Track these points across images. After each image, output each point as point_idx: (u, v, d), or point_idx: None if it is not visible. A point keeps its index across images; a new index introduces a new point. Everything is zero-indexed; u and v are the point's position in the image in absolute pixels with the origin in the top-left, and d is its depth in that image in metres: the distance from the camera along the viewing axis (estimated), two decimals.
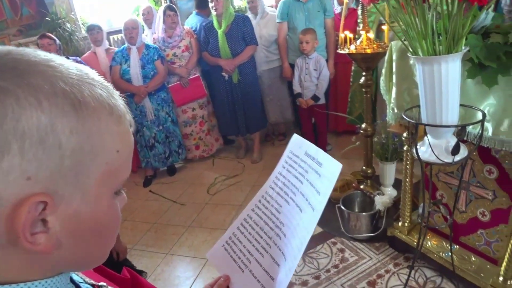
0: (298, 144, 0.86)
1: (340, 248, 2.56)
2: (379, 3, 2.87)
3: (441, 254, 2.13)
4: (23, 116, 0.35)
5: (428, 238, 2.24)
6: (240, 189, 3.58)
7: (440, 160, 1.40)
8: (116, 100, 0.44)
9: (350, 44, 2.59)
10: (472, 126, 1.61)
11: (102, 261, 0.48)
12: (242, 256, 0.83)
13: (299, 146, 0.85)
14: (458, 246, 2.13)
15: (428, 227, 2.03)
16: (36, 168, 0.36)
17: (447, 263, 2.06)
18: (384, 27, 2.70)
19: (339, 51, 2.66)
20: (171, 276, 2.56)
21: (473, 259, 2.05)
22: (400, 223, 2.36)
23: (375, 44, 2.51)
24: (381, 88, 2.15)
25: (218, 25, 3.65)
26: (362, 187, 2.90)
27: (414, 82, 1.87)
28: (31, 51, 0.40)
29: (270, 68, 4.03)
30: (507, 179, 1.80)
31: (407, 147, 2.12)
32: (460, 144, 1.40)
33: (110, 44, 4.35)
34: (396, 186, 2.89)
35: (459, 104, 1.38)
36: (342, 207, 2.59)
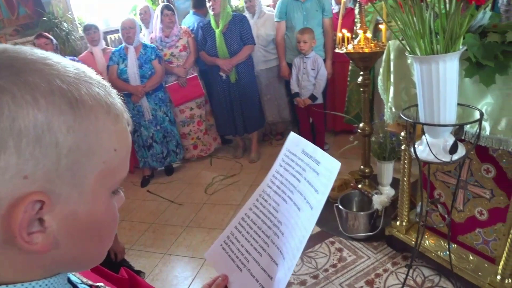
0: (295, 142, 0.85)
1: (338, 247, 2.56)
2: (376, 2, 2.89)
3: (439, 253, 2.14)
4: (19, 114, 0.35)
5: (426, 237, 2.24)
6: (238, 188, 3.57)
7: (438, 159, 1.41)
8: (113, 99, 0.44)
9: (348, 43, 2.59)
10: (469, 125, 1.61)
11: (99, 261, 0.48)
12: (240, 255, 0.82)
13: (296, 144, 0.84)
14: (456, 245, 2.13)
15: (426, 226, 2.04)
16: (33, 167, 0.36)
17: (445, 262, 2.06)
18: (382, 26, 2.71)
19: (337, 50, 2.66)
20: (169, 276, 2.56)
21: (471, 258, 2.05)
22: (398, 222, 2.37)
23: (372, 44, 2.52)
24: (379, 87, 2.15)
25: (216, 24, 3.64)
26: (360, 186, 2.90)
27: (412, 82, 1.87)
28: (27, 49, 0.40)
29: (267, 68, 4.03)
30: (504, 178, 1.80)
31: (405, 146, 2.13)
32: (458, 143, 1.40)
33: (107, 44, 4.34)
34: (394, 185, 2.90)
35: (456, 103, 1.39)
36: (340, 207, 2.60)
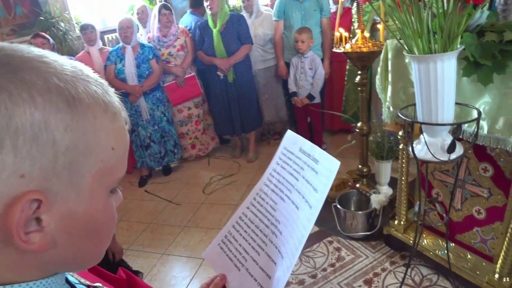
0: (292, 140, 0.85)
1: (336, 247, 2.56)
2: (373, 2, 2.89)
3: (437, 252, 2.14)
4: (16, 113, 0.34)
5: (424, 236, 2.24)
6: (236, 188, 3.57)
7: (436, 158, 1.41)
8: (111, 97, 0.43)
9: (346, 43, 2.59)
10: (467, 124, 1.62)
11: (97, 260, 0.48)
12: (238, 255, 0.82)
13: (294, 143, 0.84)
14: (454, 244, 2.13)
15: (424, 225, 2.04)
16: (30, 165, 0.35)
17: (443, 261, 2.07)
18: (379, 26, 2.71)
19: (335, 49, 2.66)
20: (168, 276, 2.55)
21: (469, 256, 2.06)
22: (396, 222, 2.37)
23: (370, 43, 2.52)
24: (376, 87, 2.15)
25: (213, 24, 3.64)
26: (358, 186, 2.90)
27: (409, 81, 1.87)
28: (24, 47, 0.39)
29: (265, 67, 4.03)
30: (502, 176, 1.81)
31: (403, 145, 2.13)
32: (456, 142, 1.40)
33: (105, 44, 4.32)
34: (392, 184, 2.90)
35: (454, 102, 1.39)
36: (338, 206, 2.60)
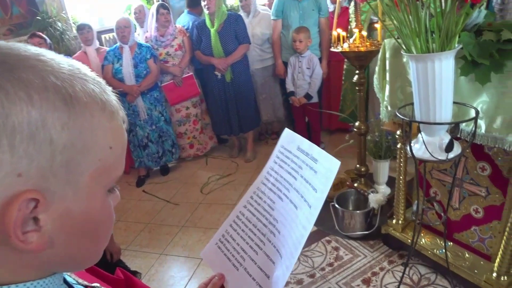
0: (290, 138, 0.84)
1: (334, 246, 2.56)
2: (371, 1, 2.89)
3: (435, 251, 2.14)
4: (13, 111, 0.34)
5: (422, 235, 2.25)
6: (234, 188, 3.57)
7: (434, 157, 1.41)
8: (108, 96, 0.43)
9: (343, 42, 2.59)
10: (465, 124, 1.62)
11: (95, 260, 0.47)
12: (236, 254, 0.81)
13: (291, 141, 0.83)
14: (452, 243, 2.14)
15: (422, 224, 2.04)
16: (27, 164, 0.35)
17: (441, 260, 2.07)
18: (377, 26, 2.71)
19: (332, 49, 2.66)
20: (166, 277, 2.54)
21: (466, 255, 2.06)
22: (394, 221, 2.37)
23: (368, 42, 2.52)
24: (374, 86, 2.15)
25: (211, 23, 3.63)
26: (356, 185, 2.90)
27: (407, 80, 1.87)
28: (21, 46, 0.39)
29: (263, 67, 4.02)
30: (500, 176, 1.81)
31: (401, 145, 2.13)
32: (454, 141, 1.40)
33: (102, 44, 4.31)
34: (389, 184, 2.90)
35: (452, 102, 1.39)
36: (336, 205, 2.60)
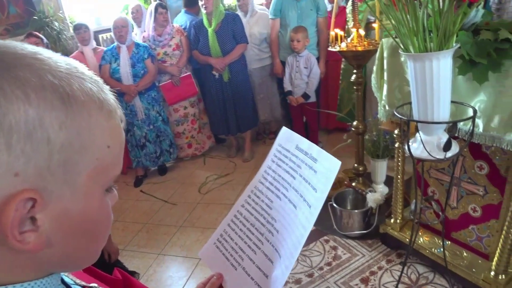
0: (288, 137, 0.83)
1: (332, 245, 2.56)
2: (368, 1, 2.89)
3: (433, 250, 2.15)
4: (10, 110, 0.34)
5: (420, 234, 2.25)
6: (232, 188, 3.56)
7: (432, 156, 1.41)
8: (106, 95, 0.43)
9: (341, 41, 2.59)
10: (463, 123, 1.62)
11: (93, 260, 0.47)
12: (234, 254, 0.80)
13: (289, 140, 0.82)
14: (450, 242, 2.14)
15: (420, 223, 2.04)
16: (24, 164, 0.35)
17: (439, 259, 2.07)
18: (374, 25, 2.71)
19: (330, 48, 2.66)
20: (164, 277, 2.54)
21: (464, 254, 2.07)
22: (392, 220, 2.38)
23: (366, 42, 2.52)
24: (372, 85, 2.15)
25: (208, 23, 3.63)
26: (354, 184, 2.90)
27: (405, 79, 1.87)
28: (18, 44, 0.39)
29: (261, 66, 4.02)
30: (497, 174, 1.81)
31: (399, 144, 2.13)
32: (452, 140, 1.41)
33: (99, 43, 4.30)
34: (387, 183, 2.91)
35: (450, 101, 1.39)
36: (334, 205, 2.60)
